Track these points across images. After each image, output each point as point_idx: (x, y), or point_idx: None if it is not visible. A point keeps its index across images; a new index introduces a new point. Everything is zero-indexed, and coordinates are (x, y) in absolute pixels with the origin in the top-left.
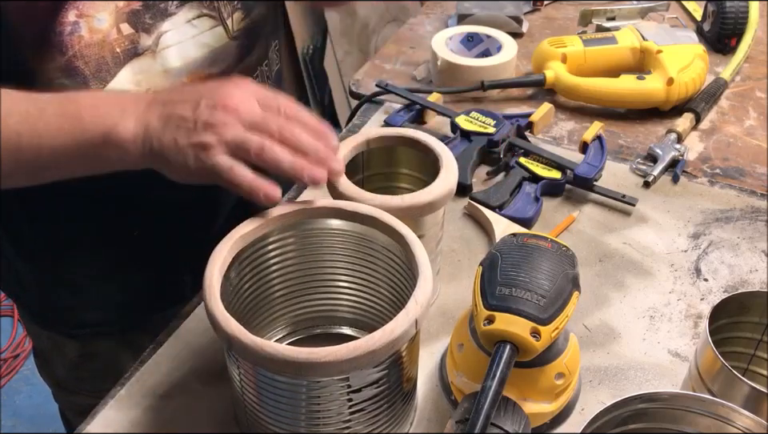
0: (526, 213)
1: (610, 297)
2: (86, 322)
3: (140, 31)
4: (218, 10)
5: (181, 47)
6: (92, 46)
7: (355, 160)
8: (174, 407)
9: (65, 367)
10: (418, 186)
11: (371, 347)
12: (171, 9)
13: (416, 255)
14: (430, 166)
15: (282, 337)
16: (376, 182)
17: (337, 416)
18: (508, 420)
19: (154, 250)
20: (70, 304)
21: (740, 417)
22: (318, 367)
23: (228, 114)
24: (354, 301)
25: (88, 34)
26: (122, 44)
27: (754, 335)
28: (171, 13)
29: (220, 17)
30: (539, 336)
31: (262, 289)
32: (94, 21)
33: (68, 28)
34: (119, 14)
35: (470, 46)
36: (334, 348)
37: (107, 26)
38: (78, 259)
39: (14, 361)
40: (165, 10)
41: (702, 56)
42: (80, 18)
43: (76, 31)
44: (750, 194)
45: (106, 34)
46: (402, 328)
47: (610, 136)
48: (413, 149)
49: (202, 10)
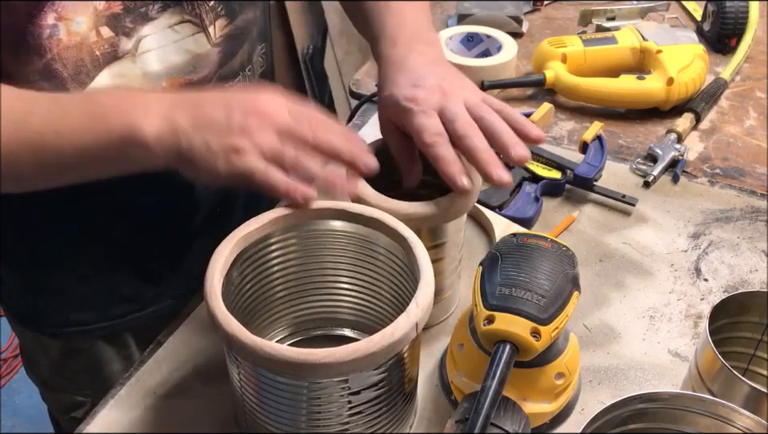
0: (526, 213)
1: (610, 297)
2: (69, 322)
3: (120, 35)
4: (200, 17)
5: (161, 52)
6: (71, 49)
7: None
8: (173, 407)
9: (49, 365)
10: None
11: (371, 350)
12: (152, 13)
13: (418, 258)
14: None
15: (283, 338)
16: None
17: (336, 418)
18: (508, 420)
19: (135, 251)
20: (52, 305)
21: (740, 417)
22: (317, 369)
23: (262, 120)
24: (356, 303)
25: (66, 37)
26: (102, 47)
27: (754, 335)
28: (152, 17)
29: (202, 24)
30: (539, 336)
31: (264, 289)
32: (73, 24)
33: (46, 31)
34: (99, 17)
35: (470, 46)
36: (333, 350)
37: (86, 28)
38: (59, 260)
39: (14, 361)
40: (146, 14)
41: (702, 56)
42: (59, 21)
43: (55, 34)
44: (749, 194)
45: (85, 37)
46: (402, 331)
47: (610, 136)
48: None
49: (183, 15)
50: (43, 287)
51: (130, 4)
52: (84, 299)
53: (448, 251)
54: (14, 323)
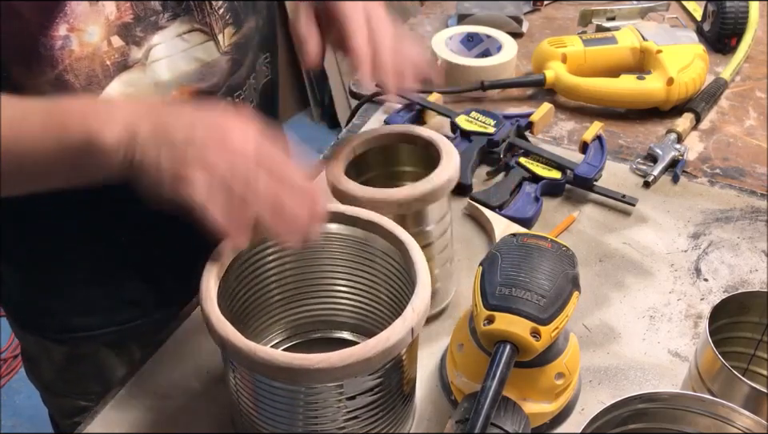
0: (526, 213)
1: (610, 297)
2: (73, 326)
3: (130, 44)
4: (209, 26)
5: (171, 60)
6: (83, 60)
7: (355, 162)
8: (174, 407)
9: (52, 370)
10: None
11: (365, 355)
12: (162, 22)
13: (415, 262)
14: (432, 160)
15: (282, 341)
16: (378, 183)
17: (332, 423)
18: (508, 420)
19: (141, 256)
20: (56, 309)
21: (740, 417)
22: (311, 374)
23: (221, 154)
24: (354, 306)
25: (79, 48)
26: (112, 56)
27: (754, 335)
28: (162, 26)
29: (211, 32)
30: (539, 336)
31: (261, 293)
32: (85, 35)
33: (59, 42)
34: (110, 27)
35: (470, 46)
36: (327, 355)
37: (98, 39)
38: (60, 260)
39: (14, 361)
40: (156, 23)
41: (702, 56)
42: (71, 32)
43: (67, 45)
44: (750, 194)
45: (97, 48)
46: (397, 337)
47: (610, 136)
48: (412, 145)
49: (193, 24)
50: (44, 288)
51: (140, 12)
52: (87, 302)
53: (435, 238)
54: (17, 327)
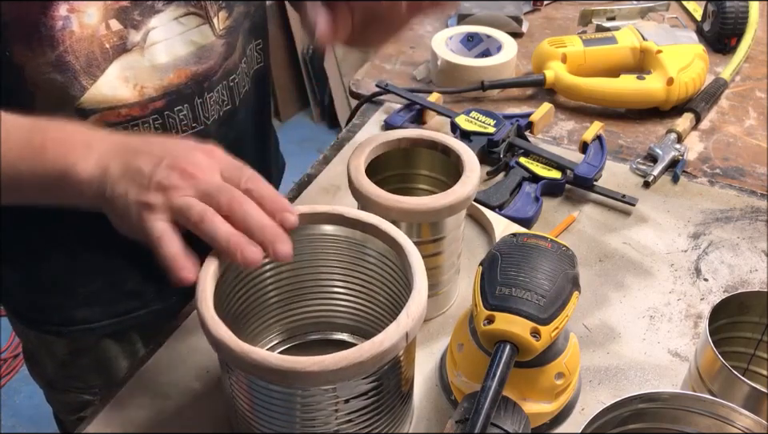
0: (526, 213)
1: (610, 297)
2: (73, 319)
3: (128, 27)
4: (204, 9)
5: (168, 44)
6: (82, 41)
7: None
8: (174, 407)
9: (54, 365)
10: (437, 187)
11: (358, 359)
12: (159, 6)
13: (413, 266)
14: (448, 166)
15: (279, 343)
16: (392, 182)
17: (326, 426)
18: (508, 420)
19: (139, 248)
20: (56, 302)
21: (740, 417)
22: (303, 377)
23: (184, 179)
24: (351, 307)
25: (79, 29)
26: (111, 40)
27: (754, 335)
28: (159, 10)
29: (206, 15)
30: (539, 336)
31: (258, 294)
32: (85, 16)
33: (59, 22)
34: (108, 10)
35: (470, 46)
36: (321, 358)
37: (96, 21)
38: (58, 253)
39: (14, 361)
40: (152, 6)
41: (702, 56)
42: (71, 13)
43: (67, 26)
44: (750, 194)
45: (96, 30)
46: (391, 341)
47: (609, 136)
48: (432, 150)
49: (189, 8)
50: (43, 281)
51: None
52: (86, 294)
53: (447, 246)
54: (17, 323)
